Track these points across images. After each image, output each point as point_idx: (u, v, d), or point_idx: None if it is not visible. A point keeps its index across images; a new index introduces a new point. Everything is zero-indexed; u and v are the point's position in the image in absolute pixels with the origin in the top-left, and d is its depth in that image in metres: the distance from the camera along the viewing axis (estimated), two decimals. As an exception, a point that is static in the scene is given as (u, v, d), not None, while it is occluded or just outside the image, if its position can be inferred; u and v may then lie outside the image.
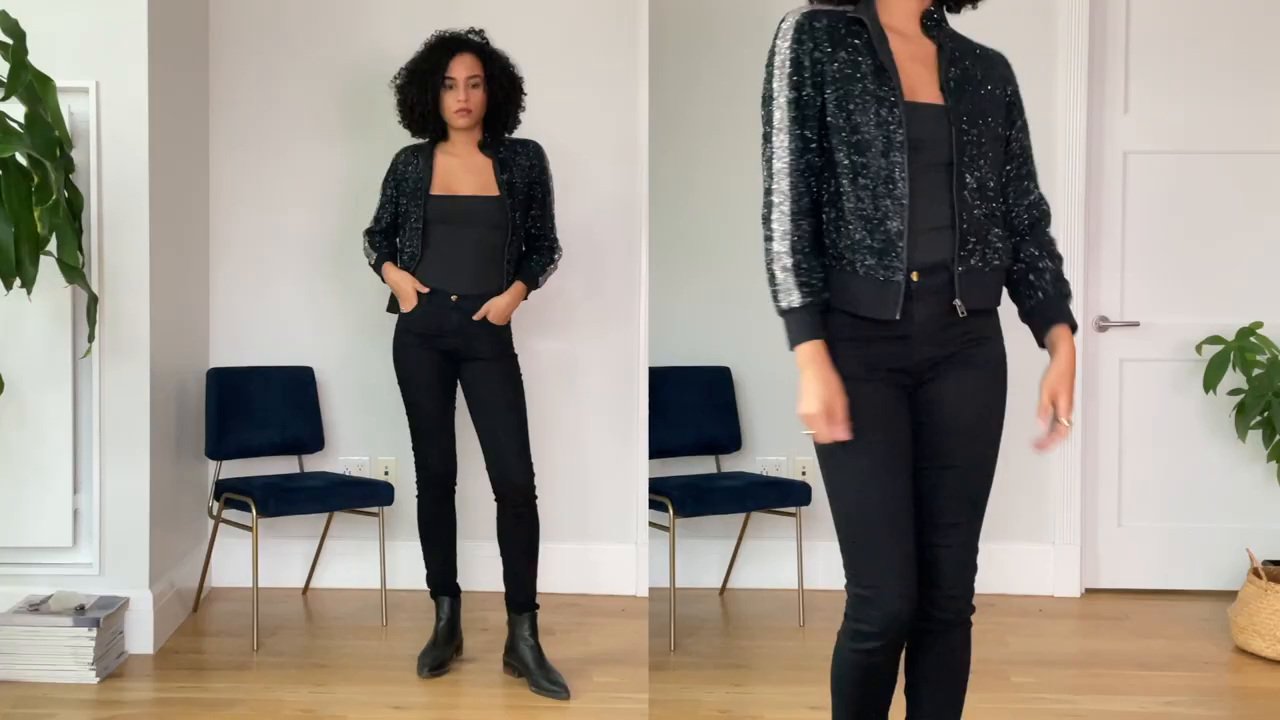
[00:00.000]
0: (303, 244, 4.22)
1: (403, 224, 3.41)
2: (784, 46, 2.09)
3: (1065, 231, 4.13)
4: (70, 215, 2.99)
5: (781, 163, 2.08)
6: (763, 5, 4.31)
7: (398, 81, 3.43)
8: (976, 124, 2.08)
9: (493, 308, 3.33)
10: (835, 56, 2.06)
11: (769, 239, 2.11)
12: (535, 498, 3.36)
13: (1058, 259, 2.24)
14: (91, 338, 3.19)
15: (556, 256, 3.47)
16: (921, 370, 2.11)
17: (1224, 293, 4.19)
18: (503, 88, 3.37)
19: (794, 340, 2.06)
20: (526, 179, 3.40)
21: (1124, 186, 4.21)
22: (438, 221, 3.34)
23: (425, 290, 3.33)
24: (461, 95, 3.31)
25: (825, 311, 2.08)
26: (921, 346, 2.09)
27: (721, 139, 4.24)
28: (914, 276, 2.05)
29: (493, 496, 3.36)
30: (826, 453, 2.09)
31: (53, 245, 2.98)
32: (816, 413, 2.01)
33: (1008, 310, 2.27)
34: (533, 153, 3.43)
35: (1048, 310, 2.19)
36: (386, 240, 3.46)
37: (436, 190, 3.36)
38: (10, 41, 2.74)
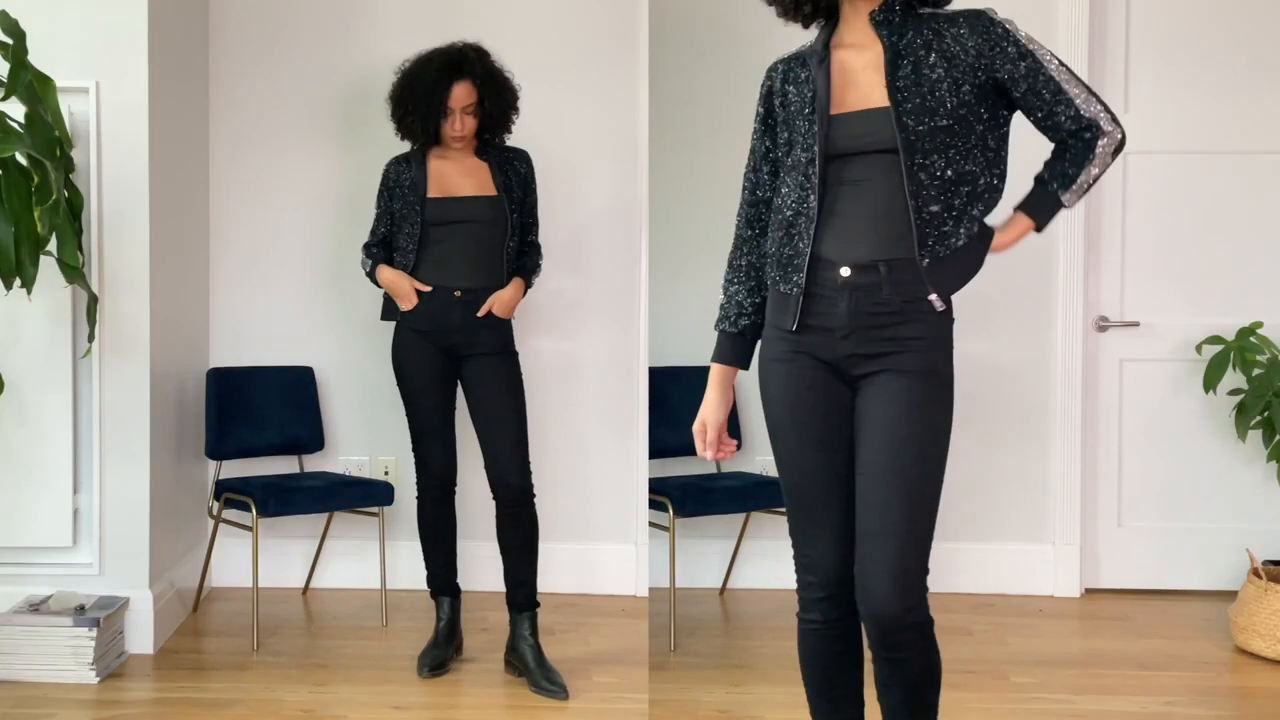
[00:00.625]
0: (303, 244, 4.22)
1: (398, 229, 3.42)
2: (759, 95, 2.30)
3: (1065, 231, 4.14)
4: (70, 215, 2.99)
5: (741, 200, 2.33)
6: (762, 5, 4.32)
7: (394, 94, 3.43)
8: (926, 119, 2.07)
9: (497, 300, 3.36)
10: (786, 93, 2.22)
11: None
12: (533, 497, 3.36)
13: (1076, 166, 2.19)
14: (91, 338, 3.19)
15: (541, 260, 3.54)
16: (850, 366, 2.15)
17: (1224, 293, 4.18)
18: (498, 106, 3.41)
19: (711, 357, 2.39)
20: (521, 183, 3.46)
21: (1124, 186, 4.21)
22: (435, 223, 3.36)
23: (425, 288, 3.34)
24: (457, 124, 3.35)
25: (746, 337, 2.34)
26: (844, 342, 2.13)
27: (721, 139, 4.23)
28: (843, 273, 2.11)
29: (492, 496, 3.36)
30: (769, 433, 2.27)
31: (53, 245, 2.98)
32: (695, 428, 2.36)
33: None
34: (524, 160, 3.49)
35: (1026, 199, 2.22)
36: (383, 251, 3.48)
37: (433, 193, 3.38)
38: (10, 41, 2.74)
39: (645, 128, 4.14)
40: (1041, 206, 2.19)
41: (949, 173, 2.08)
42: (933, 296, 2.09)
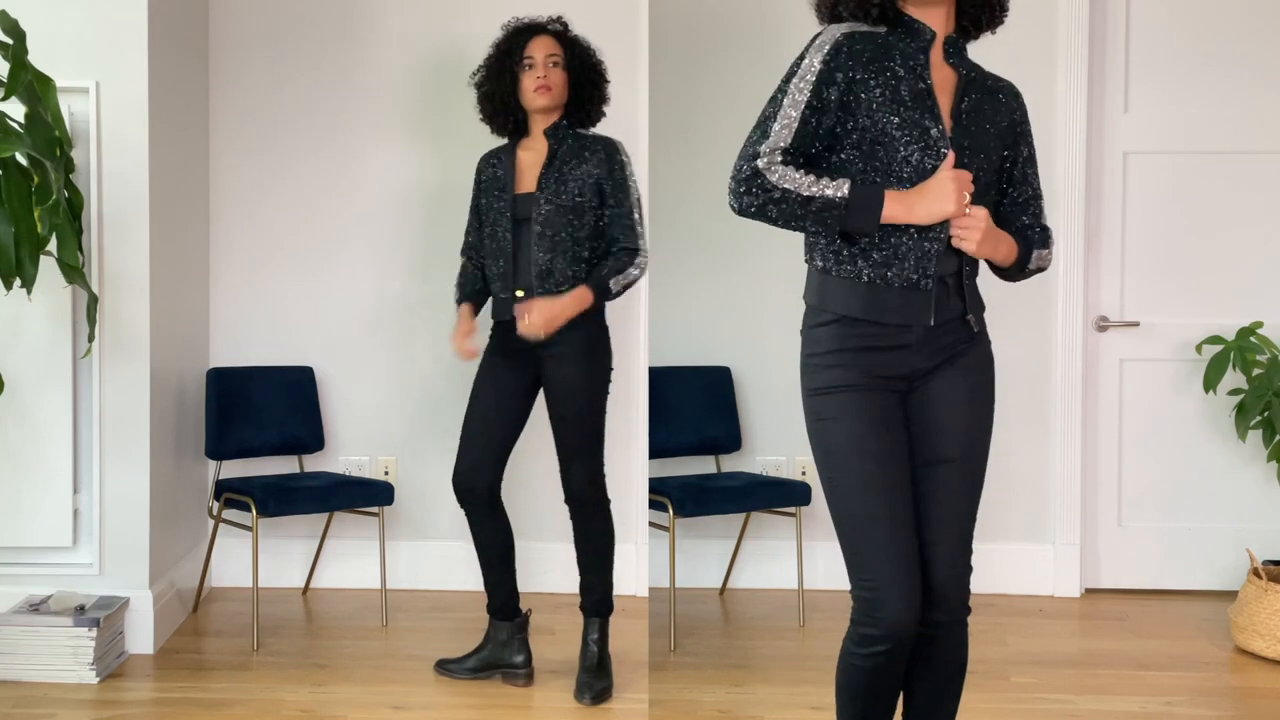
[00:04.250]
0: (303, 244, 4.22)
1: (486, 226, 3.31)
2: (816, 60, 2.08)
3: (1065, 231, 4.14)
4: (70, 215, 2.98)
5: (790, 111, 2.09)
6: (762, 5, 4.32)
7: (476, 77, 3.35)
8: (977, 157, 2.13)
9: (530, 307, 3.13)
10: (872, 78, 2.08)
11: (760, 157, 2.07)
12: (601, 500, 3.31)
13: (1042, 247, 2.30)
14: (91, 338, 3.19)
15: (638, 261, 3.22)
16: (914, 376, 2.16)
17: (1224, 293, 4.19)
18: (584, 70, 3.31)
19: (876, 210, 2.04)
20: (587, 176, 3.22)
21: (1124, 186, 4.21)
22: (520, 220, 3.24)
23: (473, 350, 3.28)
24: (540, 73, 3.23)
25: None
26: (917, 354, 2.14)
27: (722, 139, 4.22)
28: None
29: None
30: (823, 452, 2.12)
31: (53, 245, 2.98)
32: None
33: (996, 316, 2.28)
34: (603, 149, 3.25)
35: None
36: (475, 255, 3.38)
37: (519, 189, 3.27)
38: (10, 41, 2.74)
39: (645, 128, 4.14)
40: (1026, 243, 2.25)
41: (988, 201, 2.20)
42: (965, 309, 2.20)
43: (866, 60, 2.07)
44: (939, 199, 2.03)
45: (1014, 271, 2.22)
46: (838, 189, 2.01)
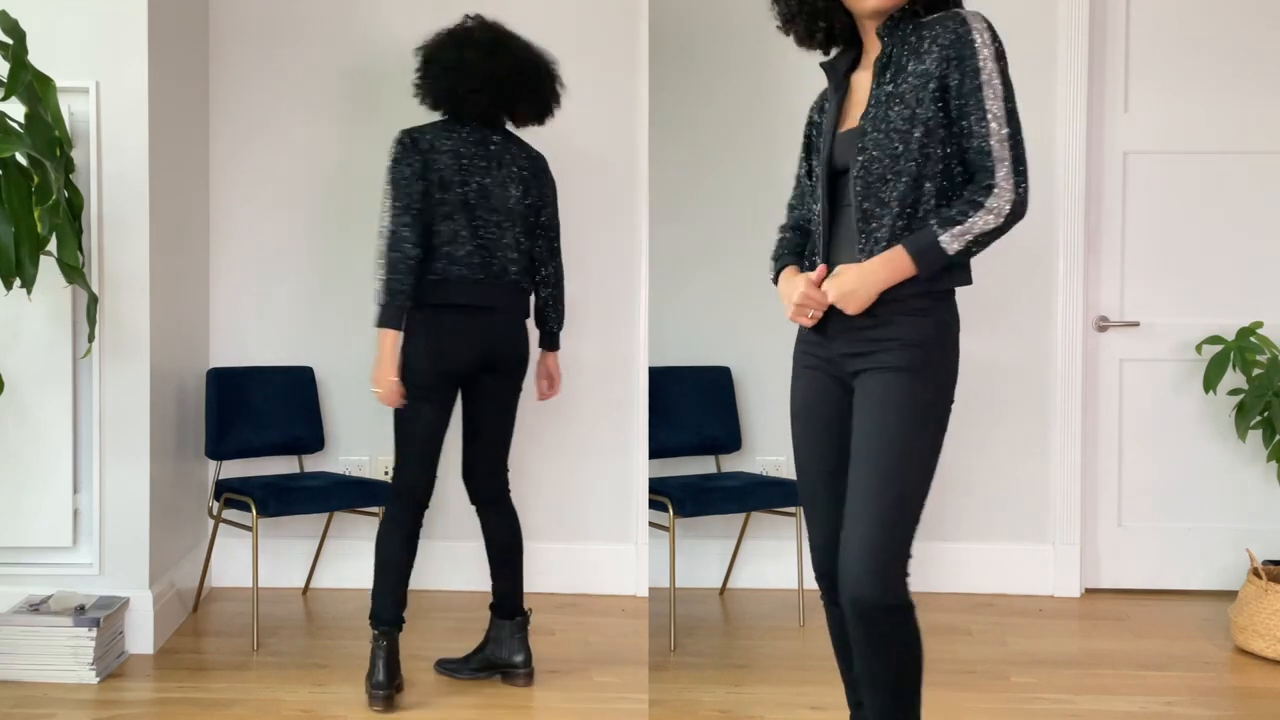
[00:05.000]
0: (303, 244, 4.22)
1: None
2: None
3: (1065, 231, 4.14)
4: (70, 215, 2.98)
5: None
6: (762, 5, 4.32)
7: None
8: (884, 149, 2.15)
9: None
10: (822, 113, 2.37)
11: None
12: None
13: (961, 212, 2.10)
14: (91, 338, 3.19)
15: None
16: (843, 362, 2.25)
17: (1224, 293, 4.19)
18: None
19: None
20: None
21: (1124, 186, 4.21)
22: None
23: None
24: None
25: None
26: (835, 341, 2.25)
27: (721, 139, 4.25)
28: None
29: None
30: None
31: (53, 245, 2.98)
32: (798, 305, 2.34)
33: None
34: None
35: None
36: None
37: None
38: (10, 41, 2.74)
39: (645, 128, 4.14)
40: (920, 242, 2.11)
41: (900, 182, 2.13)
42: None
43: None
44: (785, 299, 2.30)
45: (937, 271, 2.13)
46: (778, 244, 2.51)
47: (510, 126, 3.34)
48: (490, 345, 3.21)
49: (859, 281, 2.14)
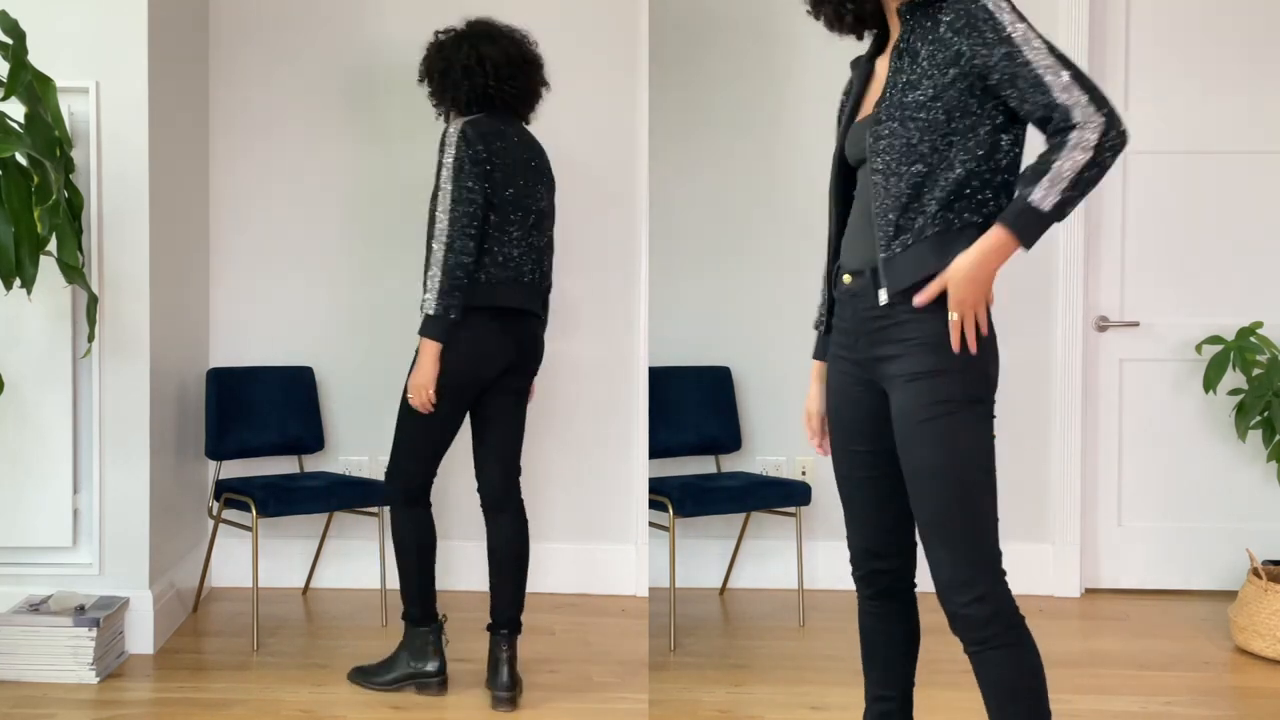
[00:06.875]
0: (303, 244, 4.22)
1: None
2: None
3: (1065, 231, 4.14)
4: (70, 215, 2.98)
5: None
6: (762, 5, 4.33)
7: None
8: (895, 115, 2.06)
9: None
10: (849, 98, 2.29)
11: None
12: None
13: (1043, 161, 1.98)
14: (91, 338, 3.19)
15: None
16: (871, 366, 2.18)
17: (1224, 293, 4.19)
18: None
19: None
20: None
21: (1124, 186, 4.21)
22: None
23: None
24: None
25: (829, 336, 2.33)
26: (858, 343, 2.18)
27: (721, 138, 4.24)
28: (845, 280, 2.19)
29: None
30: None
31: (53, 245, 2.98)
32: (804, 420, 2.44)
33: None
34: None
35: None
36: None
37: None
38: (10, 41, 2.74)
39: (645, 128, 4.14)
40: (1011, 211, 1.98)
41: (919, 172, 2.04)
42: (881, 291, 2.09)
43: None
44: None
45: (1035, 232, 1.98)
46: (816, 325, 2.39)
47: None
48: (519, 347, 3.17)
49: (968, 287, 2.02)
